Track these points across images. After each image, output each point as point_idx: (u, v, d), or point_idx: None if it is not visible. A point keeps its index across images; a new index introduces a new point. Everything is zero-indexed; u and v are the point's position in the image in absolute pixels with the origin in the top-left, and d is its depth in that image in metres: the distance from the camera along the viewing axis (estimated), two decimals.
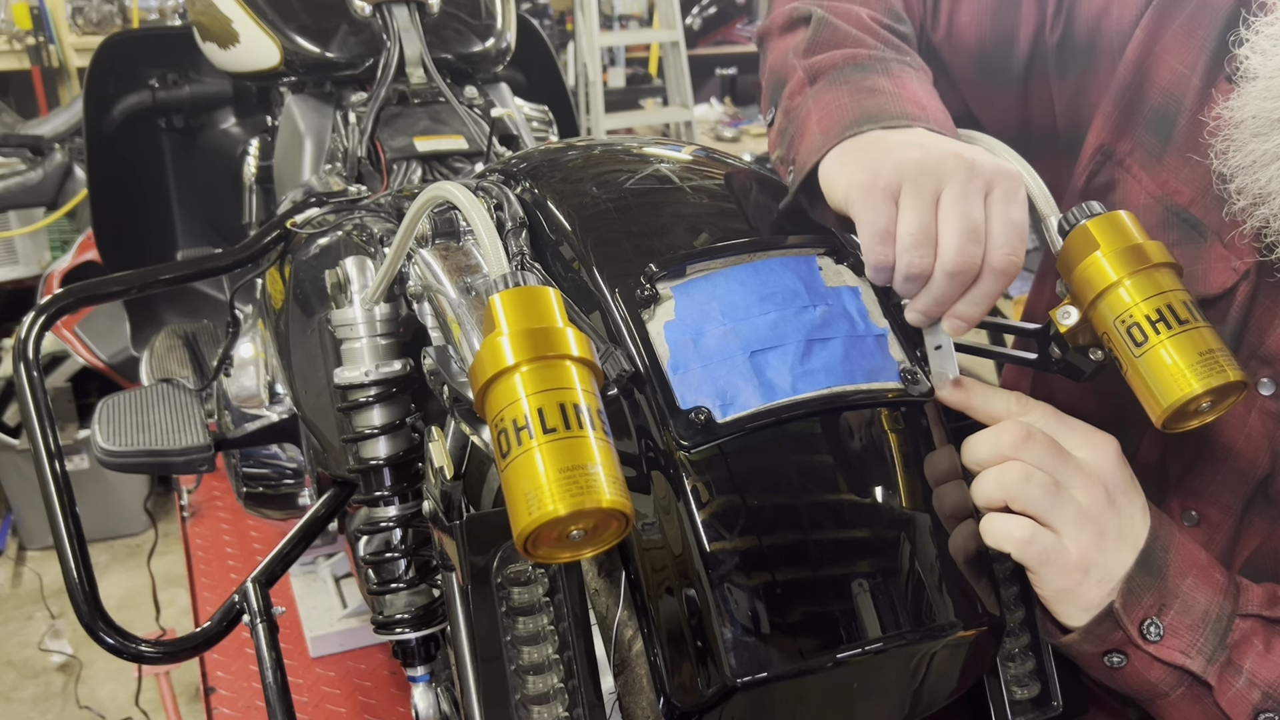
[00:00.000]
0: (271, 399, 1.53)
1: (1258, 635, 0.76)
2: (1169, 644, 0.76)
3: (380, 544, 1.10)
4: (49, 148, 3.30)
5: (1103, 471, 0.77)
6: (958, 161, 0.76)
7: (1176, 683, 0.77)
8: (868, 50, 0.92)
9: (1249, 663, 0.75)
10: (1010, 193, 0.77)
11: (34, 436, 1.17)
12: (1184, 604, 0.76)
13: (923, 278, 0.76)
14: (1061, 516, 0.75)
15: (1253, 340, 0.85)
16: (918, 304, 0.78)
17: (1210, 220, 0.86)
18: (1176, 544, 0.78)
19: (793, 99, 0.92)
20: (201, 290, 2.38)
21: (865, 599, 0.70)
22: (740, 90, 6.69)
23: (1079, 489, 0.76)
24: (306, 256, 1.28)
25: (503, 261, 0.73)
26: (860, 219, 0.77)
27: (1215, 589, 0.77)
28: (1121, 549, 0.76)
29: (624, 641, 0.79)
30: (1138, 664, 0.77)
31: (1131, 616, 0.76)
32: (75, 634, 2.84)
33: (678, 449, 0.71)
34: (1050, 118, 1.02)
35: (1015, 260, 0.75)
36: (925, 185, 0.75)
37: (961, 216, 0.75)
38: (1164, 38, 0.90)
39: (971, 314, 0.78)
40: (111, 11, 4.36)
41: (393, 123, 1.60)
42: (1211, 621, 0.76)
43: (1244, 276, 0.84)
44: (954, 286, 0.76)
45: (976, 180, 0.76)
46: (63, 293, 1.31)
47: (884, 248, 0.76)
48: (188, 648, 1.13)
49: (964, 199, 0.75)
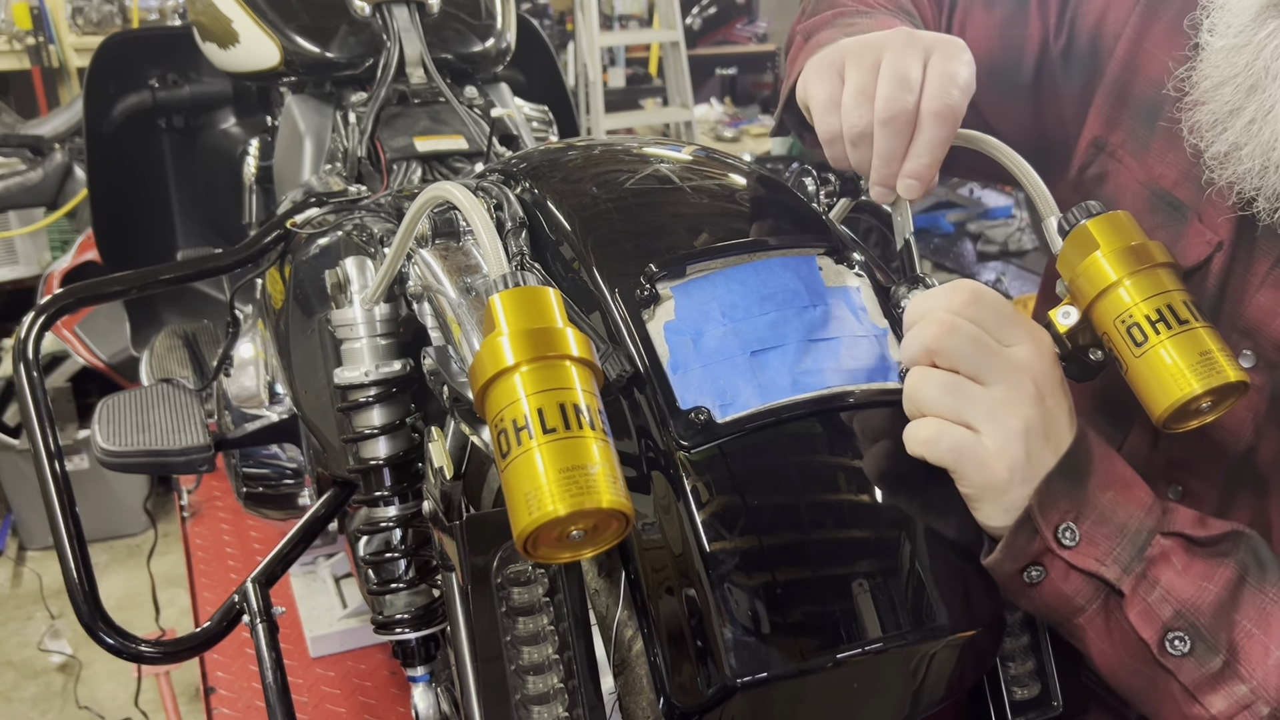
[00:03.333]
0: (271, 399, 1.53)
1: (1176, 555, 0.74)
2: (1084, 550, 0.74)
3: (380, 544, 1.10)
4: (49, 148, 3.30)
5: (1032, 368, 0.74)
6: (898, 34, 0.82)
7: (1092, 595, 0.75)
8: (855, 7, 1.00)
9: (1165, 578, 0.73)
10: (950, 53, 0.81)
11: (34, 436, 1.17)
12: (1101, 514, 0.74)
13: (866, 136, 0.80)
14: (972, 411, 0.72)
15: (1230, 312, 0.87)
16: (872, 174, 0.82)
17: (1191, 200, 0.90)
18: (1100, 456, 0.76)
19: (791, 63, 0.99)
20: (201, 290, 2.38)
21: (865, 599, 0.70)
22: (740, 90, 6.70)
23: (1001, 383, 0.73)
24: (306, 256, 1.28)
25: (503, 261, 0.73)
26: (811, 98, 0.84)
27: (1137, 505, 0.75)
28: (1045, 448, 0.74)
29: (624, 641, 0.79)
30: (1055, 575, 0.75)
31: (1048, 519, 0.73)
32: (75, 634, 2.84)
33: (678, 449, 0.71)
34: (1062, 125, 1.04)
35: (948, 103, 0.79)
36: (865, 55, 0.81)
37: (892, 71, 0.79)
38: (1152, 33, 0.94)
39: (917, 167, 0.81)
40: (111, 11, 4.36)
41: (393, 123, 1.60)
42: (1130, 534, 0.74)
43: (1217, 249, 0.86)
44: (891, 137, 0.80)
45: (915, 45, 0.81)
46: (63, 293, 1.31)
47: (831, 117, 0.82)
48: (188, 648, 1.13)
49: (899, 58, 0.80)
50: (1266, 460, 0.86)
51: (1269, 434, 0.85)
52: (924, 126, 0.79)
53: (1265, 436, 0.86)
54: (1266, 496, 0.87)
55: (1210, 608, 0.73)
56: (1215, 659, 0.72)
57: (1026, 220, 4.27)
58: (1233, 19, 0.81)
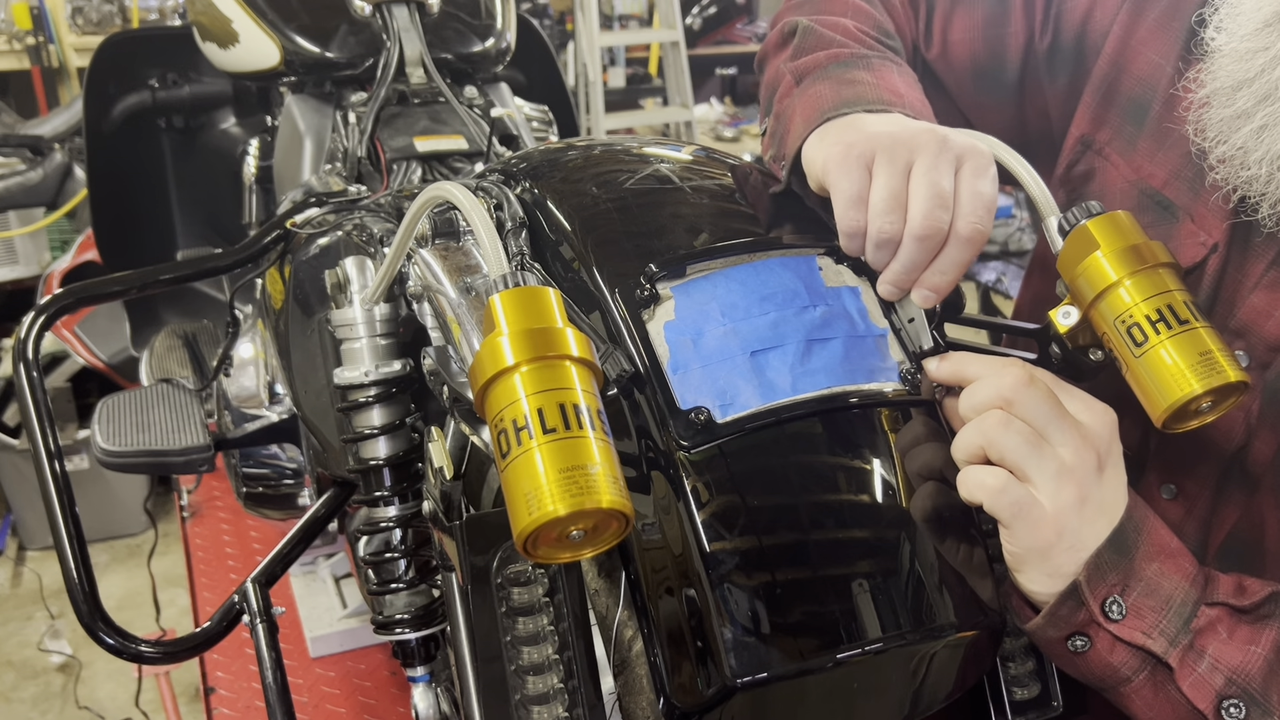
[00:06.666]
0: (271, 399, 1.53)
1: (1222, 623, 0.75)
2: (1131, 624, 0.75)
3: (380, 544, 1.10)
4: (49, 148, 3.30)
5: (1098, 437, 0.76)
6: (930, 135, 0.80)
7: (1139, 666, 0.75)
8: (849, 50, 0.96)
9: (1212, 648, 0.74)
10: (980, 168, 0.79)
11: (34, 436, 1.17)
12: (1148, 586, 0.75)
13: (892, 244, 0.79)
14: (1041, 470, 0.74)
15: (1223, 313, 0.87)
16: (889, 274, 0.80)
17: (1182, 200, 0.90)
18: (1149, 528, 0.77)
19: (781, 101, 0.96)
20: (201, 290, 2.38)
21: (865, 599, 0.70)
22: (740, 90, 6.70)
23: (1068, 447, 0.74)
24: (306, 256, 1.28)
25: (503, 261, 0.73)
26: (834, 186, 0.81)
27: (1182, 576, 0.76)
28: (1099, 519, 0.75)
29: (624, 641, 0.79)
30: (1100, 646, 0.76)
31: (1095, 593, 0.74)
32: (75, 634, 2.84)
33: (678, 449, 0.71)
34: (1045, 121, 1.05)
35: (981, 229, 0.78)
36: (898, 155, 0.79)
37: (930, 184, 0.77)
38: (1139, 31, 0.94)
39: (940, 283, 0.79)
40: (111, 11, 4.36)
41: (393, 123, 1.60)
42: (1175, 606, 0.75)
43: (1212, 250, 0.87)
44: (922, 252, 0.78)
45: (947, 153, 0.79)
46: (63, 293, 1.31)
47: (856, 213, 0.79)
48: (188, 648, 1.13)
49: (934, 168, 0.78)
50: (1259, 460, 0.86)
51: (1261, 433, 0.85)
52: (953, 247, 0.78)
53: (1258, 436, 0.86)
54: (1259, 496, 0.87)
55: (1260, 672, 0.74)
56: None
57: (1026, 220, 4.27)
58: (1244, 20, 0.80)
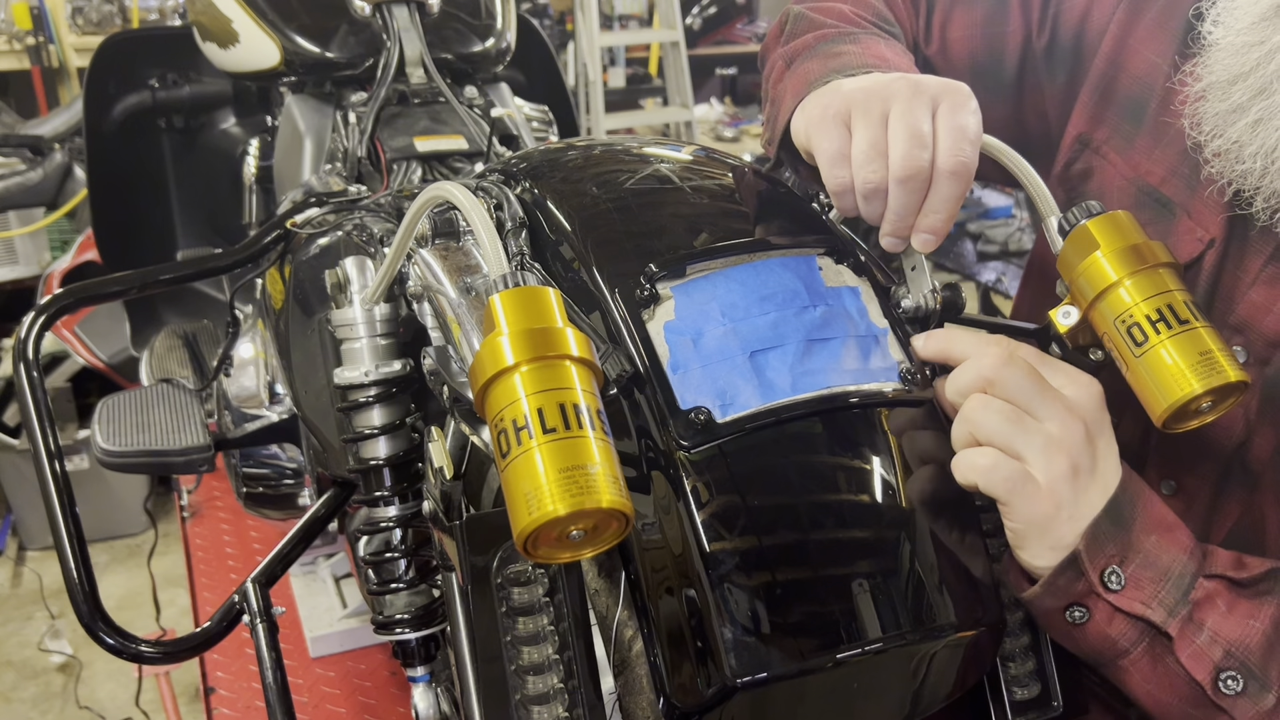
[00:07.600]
0: (271, 399, 1.53)
1: (1221, 596, 0.75)
2: (1130, 594, 0.75)
3: (380, 544, 1.10)
4: (49, 148, 3.29)
5: (1084, 409, 0.76)
6: (903, 82, 0.80)
7: (1138, 638, 0.76)
8: (838, 29, 0.98)
9: (1211, 620, 0.75)
10: (957, 103, 0.79)
11: (34, 436, 1.17)
12: (1146, 558, 0.75)
13: (880, 193, 0.79)
14: (1028, 445, 0.74)
15: (1222, 309, 0.87)
16: (885, 226, 0.81)
17: (1179, 197, 0.90)
18: (1145, 501, 0.77)
19: (775, 86, 0.97)
20: (201, 290, 2.38)
21: (865, 599, 0.70)
22: (740, 90, 6.69)
23: (1054, 420, 0.74)
24: (306, 256, 1.28)
25: (503, 261, 0.73)
26: (817, 148, 0.81)
27: (1179, 549, 0.76)
28: (1093, 487, 0.75)
29: (624, 641, 0.79)
30: (1099, 617, 0.76)
31: (1094, 563, 0.74)
32: (75, 634, 2.83)
33: (678, 449, 0.71)
34: (1044, 120, 1.05)
35: (963, 160, 0.78)
36: (872, 106, 0.80)
37: (906, 126, 0.78)
38: (1136, 30, 0.94)
39: (934, 223, 0.80)
40: (111, 11, 4.36)
41: (393, 123, 1.60)
42: (1174, 577, 0.75)
43: (1209, 245, 0.87)
44: (908, 194, 0.79)
45: (922, 95, 0.79)
46: (63, 293, 1.31)
47: (840, 170, 0.80)
48: (188, 648, 1.13)
49: (909, 112, 0.78)
50: (1258, 456, 0.86)
51: (1261, 430, 0.86)
52: (939, 183, 0.78)
53: (1257, 432, 0.86)
54: (1258, 492, 0.87)
55: (1259, 646, 0.74)
56: (1269, 695, 0.73)
57: (1026, 220, 4.27)
58: (1242, 13, 0.81)
